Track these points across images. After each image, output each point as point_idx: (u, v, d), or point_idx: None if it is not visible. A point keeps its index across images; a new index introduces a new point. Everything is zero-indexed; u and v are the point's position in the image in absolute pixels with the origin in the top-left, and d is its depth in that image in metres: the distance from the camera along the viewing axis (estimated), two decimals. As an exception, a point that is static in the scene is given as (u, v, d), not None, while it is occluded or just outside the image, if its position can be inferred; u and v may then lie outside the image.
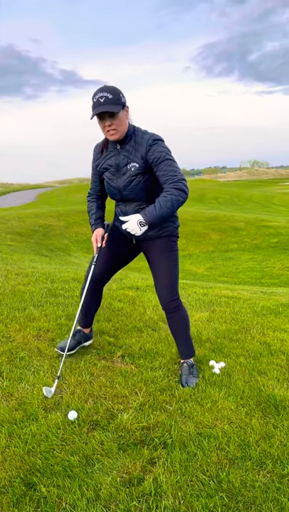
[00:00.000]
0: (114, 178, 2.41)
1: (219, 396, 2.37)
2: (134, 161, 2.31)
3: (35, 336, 3.00)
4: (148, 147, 2.27)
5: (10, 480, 1.69)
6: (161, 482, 1.72)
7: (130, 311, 3.77)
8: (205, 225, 17.19)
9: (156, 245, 2.52)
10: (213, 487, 1.71)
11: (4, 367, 2.54)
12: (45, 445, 1.89)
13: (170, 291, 2.53)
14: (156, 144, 2.28)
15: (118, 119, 2.22)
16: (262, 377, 2.63)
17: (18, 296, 3.88)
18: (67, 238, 14.29)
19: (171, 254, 2.52)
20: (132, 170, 2.33)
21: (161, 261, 2.52)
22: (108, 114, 2.19)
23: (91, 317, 2.88)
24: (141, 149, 2.29)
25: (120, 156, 2.36)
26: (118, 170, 2.38)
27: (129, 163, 2.33)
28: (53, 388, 2.31)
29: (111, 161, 2.40)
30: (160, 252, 2.51)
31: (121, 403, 2.26)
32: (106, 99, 2.15)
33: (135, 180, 2.34)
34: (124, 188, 2.38)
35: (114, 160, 2.38)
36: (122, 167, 2.36)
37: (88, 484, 1.69)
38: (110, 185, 2.45)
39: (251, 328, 3.56)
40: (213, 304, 4.37)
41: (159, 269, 2.54)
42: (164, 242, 2.51)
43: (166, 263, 2.51)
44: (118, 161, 2.37)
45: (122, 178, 2.37)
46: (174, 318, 2.60)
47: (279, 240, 14.81)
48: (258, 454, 1.92)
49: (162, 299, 2.55)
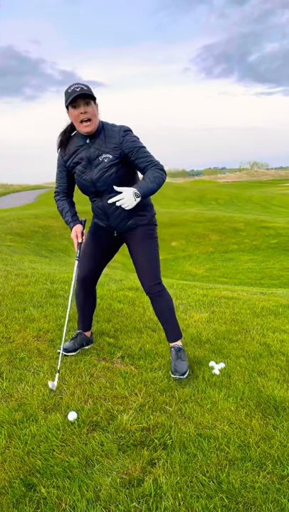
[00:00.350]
0: (87, 171, 2.45)
1: (219, 397, 2.37)
2: (106, 153, 2.39)
3: (35, 337, 3.00)
4: (121, 138, 2.38)
5: (10, 481, 1.69)
6: (161, 483, 1.72)
7: (130, 312, 3.77)
8: (205, 226, 17.20)
9: (136, 234, 2.60)
10: (213, 488, 1.71)
11: (4, 367, 2.54)
12: (45, 446, 1.89)
13: (152, 276, 2.61)
14: (127, 134, 2.40)
15: (92, 108, 2.31)
16: (262, 378, 2.63)
17: (17, 297, 3.88)
18: (66, 239, 14.29)
19: (150, 241, 2.61)
20: (104, 161, 2.39)
21: (141, 248, 2.60)
22: (84, 102, 2.28)
23: (89, 319, 2.90)
24: (113, 141, 2.38)
25: (91, 149, 2.41)
26: (90, 162, 2.43)
27: (101, 155, 2.40)
28: (55, 381, 2.36)
29: (81, 154, 2.44)
30: (140, 239, 2.60)
31: (121, 404, 2.26)
32: (82, 89, 2.27)
33: (108, 171, 2.40)
34: (97, 179, 2.43)
35: (85, 153, 2.43)
36: (94, 159, 2.41)
37: (88, 485, 1.69)
38: (82, 178, 2.48)
39: (251, 329, 3.55)
40: (213, 304, 4.36)
41: (140, 256, 2.61)
42: (143, 230, 2.59)
43: (146, 249, 2.60)
44: (89, 154, 2.42)
45: (94, 170, 2.42)
46: (158, 303, 2.67)
47: (279, 241, 14.82)
48: (258, 455, 1.92)
49: (145, 284, 2.63)
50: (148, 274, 2.60)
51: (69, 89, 2.29)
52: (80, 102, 2.28)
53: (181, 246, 15.01)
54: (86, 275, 2.73)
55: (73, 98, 2.25)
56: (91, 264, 2.72)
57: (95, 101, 2.35)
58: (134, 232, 2.59)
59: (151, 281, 2.60)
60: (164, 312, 2.69)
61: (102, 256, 2.75)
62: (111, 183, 2.42)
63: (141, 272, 2.61)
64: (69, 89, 2.29)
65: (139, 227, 2.58)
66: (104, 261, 2.78)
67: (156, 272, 2.62)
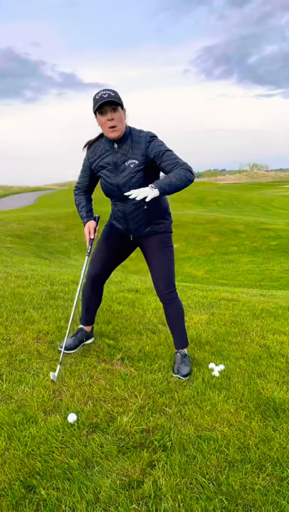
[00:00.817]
0: (113, 176, 2.47)
1: (219, 399, 2.37)
2: (132, 158, 2.41)
3: (35, 339, 3.00)
4: (147, 144, 2.39)
5: (9, 483, 1.69)
6: (160, 485, 1.72)
7: (130, 314, 3.77)
8: (204, 227, 17.19)
9: (152, 241, 2.64)
10: (212, 490, 1.71)
11: (4, 369, 2.54)
12: (45, 448, 1.89)
13: (167, 283, 2.67)
14: (153, 140, 2.41)
15: (119, 114, 2.33)
16: (261, 380, 2.64)
17: (17, 299, 3.88)
18: (66, 241, 14.29)
19: (167, 249, 2.66)
20: (131, 167, 2.41)
21: (157, 255, 2.65)
22: (111, 108, 2.30)
23: (93, 315, 2.97)
24: (140, 147, 2.40)
25: (118, 154, 2.43)
26: (116, 167, 2.45)
27: (127, 161, 2.42)
28: (56, 372, 2.42)
29: (108, 159, 2.47)
30: (156, 247, 2.64)
31: (120, 406, 2.26)
32: (109, 95, 2.28)
33: (135, 176, 2.42)
34: (123, 184, 2.45)
35: (112, 158, 2.45)
36: (120, 164, 2.43)
37: (88, 487, 1.69)
38: (108, 182, 2.50)
39: (251, 331, 3.56)
40: (213, 306, 4.37)
41: (156, 263, 2.66)
42: (160, 237, 2.63)
43: (163, 257, 2.65)
44: (116, 159, 2.44)
45: (121, 175, 2.44)
46: (170, 310, 2.75)
47: (278, 243, 14.81)
48: (258, 456, 1.92)
49: (159, 290, 2.69)
50: (163, 281, 2.67)
51: (97, 95, 2.30)
52: (108, 109, 2.30)
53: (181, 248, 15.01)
54: (97, 273, 2.77)
55: (100, 105, 2.27)
56: (103, 263, 2.76)
57: (122, 107, 2.36)
58: (151, 238, 2.64)
59: (166, 288, 2.68)
60: (174, 319, 2.78)
61: (115, 256, 2.79)
62: (136, 188, 2.43)
63: (156, 279, 2.68)
64: (97, 95, 2.30)
65: (157, 235, 2.62)
66: (116, 261, 2.82)
67: (172, 280, 2.68)
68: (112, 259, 2.78)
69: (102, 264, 2.75)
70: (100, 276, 2.80)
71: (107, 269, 2.81)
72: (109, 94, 2.28)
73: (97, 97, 2.30)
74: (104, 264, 2.76)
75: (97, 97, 2.29)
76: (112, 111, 2.31)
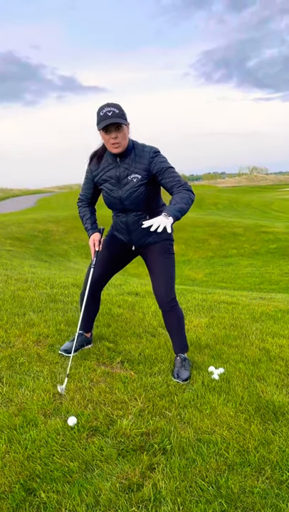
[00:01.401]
0: (115, 189, 2.50)
1: (218, 402, 2.38)
2: (135, 173, 2.44)
3: (35, 342, 3.01)
4: (150, 159, 2.42)
5: (10, 485, 1.70)
6: (160, 488, 1.72)
7: (130, 317, 3.78)
8: (204, 230, 17.22)
9: (154, 249, 2.66)
10: (212, 493, 1.72)
11: (4, 372, 2.55)
12: (45, 451, 1.90)
13: (168, 291, 2.68)
14: (156, 155, 2.45)
15: (123, 132, 2.34)
16: (261, 383, 2.64)
17: (17, 302, 3.89)
18: (66, 243, 14.30)
19: (168, 256, 2.67)
20: (133, 181, 2.44)
21: (159, 263, 2.66)
22: (115, 127, 2.31)
23: (91, 321, 2.99)
24: (143, 161, 2.43)
25: (120, 168, 2.46)
26: (119, 181, 2.48)
27: (130, 175, 2.44)
28: (64, 385, 2.39)
29: (111, 172, 2.49)
30: (158, 255, 2.66)
31: (120, 409, 2.27)
32: (114, 113, 2.28)
33: (138, 190, 2.45)
34: (126, 198, 2.48)
35: (115, 172, 2.48)
36: (123, 178, 2.46)
37: (88, 490, 1.69)
38: (111, 195, 2.53)
39: (250, 334, 3.57)
40: (212, 309, 4.38)
41: (158, 271, 2.67)
42: (162, 245, 2.66)
43: (164, 265, 2.66)
44: (119, 173, 2.47)
45: (123, 188, 2.47)
46: (170, 317, 2.75)
47: (278, 246, 14.84)
48: (257, 460, 1.93)
49: (160, 298, 2.69)
50: (164, 289, 2.68)
51: (101, 111, 2.30)
52: (111, 128, 2.31)
53: (181, 250, 15.00)
54: (95, 281, 2.77)
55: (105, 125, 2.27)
56: (102, 271, 2.76)
57: (126, 122, 2.37)
58: (153, 246, 2.66)
59: (166, 296, 2.68)
60: (174, 326, 2.78)
61: (114, 265, 2.81)
62: (138, 202, 2.49)
63: (157, 287, 2.69)
64: (101, 111, 2.30)
65: (158, 243, 2.65)
66: (115, 270, 2.84)
67: (172, 288, 2.69)
68: (110, 268, 2.80)
69: (101, 272, 2.75)
70: (98, 284, 2.80)
71: (105, 277, 2.82)
72: (113, 111, 2.28)
73: (101, 113, 2.29)
74: (103, 272, 2.76)
75: (102, 114, 2.29)
76: (116, 130, 2.32)
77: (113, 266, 2.81)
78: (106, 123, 2.27)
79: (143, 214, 2.54)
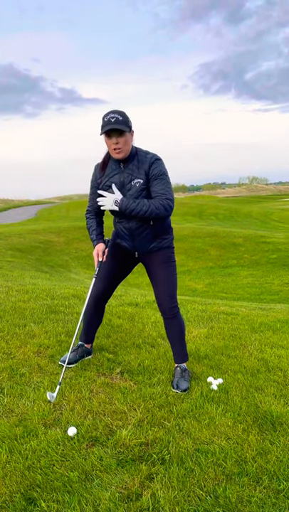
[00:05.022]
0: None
1: (217, 412, 2.40)
2: (138, 178, 2.50)
3: (36, 353, 3.04)
4: (150, 164, 2.49)
5: (10, 495, 1.72)
6: (159, 497, 1.75)
7: (129, 328, 3.81)
8: (204, 241, 17.27)
9: (156, 257, 2.70)
10: (210, 502, 1.74)
11: (5, 383, 2.57)
12: (45, 461, 1.92)
13: (170, 299, 2.72)
14: (157, 162, 2.53)
15: (125, 138, 2.42)
16: (259, 394, 2.67)
17: (18, 313, 3.92)
18: (67, 254, 14.35)
19: (170, 264, 2.72)
20: (136, 186, 2.50)
21: (161, 271, 2.70)
22: (117, 133, 2.40)
23: (93, 333, 3.01)
24: (144, 167, 2.50)
25: (124, 173, 2.53)
26: (123, 186, 2.53)
27: (133, 180, 2.51)
28: (55, 393, 2.39)
29: (114, 178, 2.55)
30: (161, 263, 2.70)
31: (120, 419, 2.29)
32: (117, 120, 2.37)
33: (141, 195, 2.51)
34: None
35: (118, 177, 2.54)
36: (127, 184, 2.52)
37: (87, 499, 1.72)
38: None
39: (249, 345, 3.59)
40: (212, 320, 4.41)
41: (160, 279, 2.71)
42: (164, 253, 2.70)
43: (167, 273, 2.70)
44: (122, 179, 2.53)
45: (127, 194, 2.52)
46: (172, 325, 2.79)
47: (278, 256, 14.87)
48: (255, 469, 1.95)
49: (163, 305, 2.74)
50: (167, 296, 2.72)
51: (105, 117, 2.40)
52: (113, 134, 2.40)
53: (181, 261, 15.04)
54: (99, 293, 2.81)
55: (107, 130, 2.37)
56: (105, 284, 2.80)
57: (130, 129, 2.45)
58: (155, 254, 2.70)
59: (168, 303, 2.73)
60: (175, 334, 2.82)
61: (117, 276, 2.85)
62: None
63: (160, 294, 2.73)
64: (105, 117, 2.40)
65: (161, 251, 2.69)
66: (118, 281, 2.88)
67: (174, 295, 2.74)
68: (113, 279, 2.83)
69: (105, 284, 2.79)
70: (102, 296, 2.84)
71: (111, 286, 2.85)
72: (116, 118, 2.37)
73: (105, 119, 2.39)
74: (106, 285, 2.80)
75: (106, 120, 2.39)
76: (118, 135, 2.40)
77: (117, 276, 2.85)
78: (107, 128, 2.36)
79: (146, 219, 2.56)
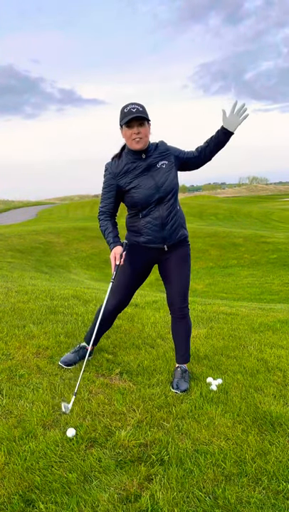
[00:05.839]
0: (149, 180, 2.53)
1: (216, 413, 2.40)
2: (163, 160, 2.56)
3: (35, 354, 3.03)
4: (167, 147, 2.64)
5: (9, 497, 1.72)
6: (157, 499, 1.74)
7: (129, 328, 3.80)
8: (204, 241, 17.27)
9: (178, 254, 2.69)
10: (209, 503, 1.73)
11: (4, 384, 2.57)
12: (44, 462, 1.92)
13: (183, 298, 2.73)
14: (168, 145, 2.66)
15: (145, 128, 2.46)
16: (258, 394, 2.66)
17: (17, 314, 3.92)
18: (67, 255, 14.35)
19: (188, 263, 2.74)
20: (163, 167, 2.56)
21: (179, 269, 2.70)
22: (138, 123, 2.42)
23: (99, 337, 3.02)
24: (164, 150, 2.61)
25: (148, 160, 2.55)
26: (149, 171, 2.54)
27: (158, 163, 2.55)
28: (70, 404, 2.36)
29: (140, 167, 2.54)
30: (181, 260, 2.70)
31: (119, 420, 2.29)
32: (138, 110, 2.41)
33: (170, 174, 2.56)
34: (162, 183, 2.53)
35: (144, 164, 2.54)
36: (153, 167, 2.55)
37: (86, 501, 1.71)
38: (144, 188, 2.51)
39: (249, 345, 3.59)
40: (212, 320, 4.40)
41: (176, 277, 2.70)
42: (184, 249, 2.71)
43: (184, 271, 2.72)
44: (147, 164, 2.54)
45: (157, 176, 2.54)
46: (180, 324, 2.79)
47: (278, 256, 14.86)
48: (254, 470, 1.95)
49: (174, 304, 2.74)
50: (181, 295, 2.72)
51: (125, 108, 2.44)
52: (135, 124, 2.42)
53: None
54: (119, 304, 2.78)
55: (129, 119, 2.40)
56: (126, 294, 2.78)
57: (148, 121, 2.49)
58: (175, 252, 2.68)
59: (181, 303, 2.73)
60: (181, 334, 2.82)
61: (137, 283, 2.80)
62: (173, 186, 2.57)
63: (174, 293, 2.72)
64: (125, 108, 2.44)
65: (181, 248, 2.69)
66: (137, 287, 2.83)
67: (187, 295, 2.75)
68: (135, 284, 2.79)
69: (123, 295, 2.76)
70: (124, 304, 2.82)
71: (128, 299, 2.83)
72: (137, 108, 2.42)
73: (125, 110, 2.42)
74: (125, 295, 2.78)
75: (126, 111, 2.42)
76: (138, 125, 2.43)
77: (137, 283, 2.79)
78: (130, 117, 2.39)
79: (174, 204, 2.59)
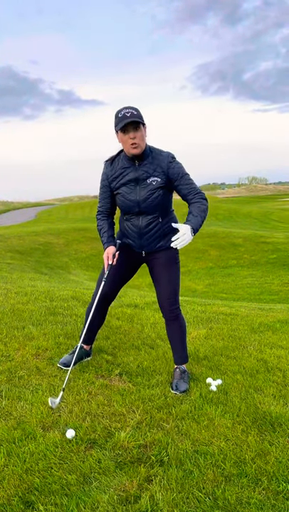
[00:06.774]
0: (133, 192, 2.53)
1: (216, 413, 2.40)
2: (154, 176, 2.50)
3: (34, 355, 3.03)
4: (168, 164, 2.50)
5: (8, 498, 1.71)
6: (157, 500, 1.74)
7: (128, 329, 3.80)
8: (204, 241, 17.27)
9: (162, 257, 2.69)
10: (209, 504, 1.73)
11: (3, 386, 2.57)
12: (43, 464, 1.91)
13: (173, 300, 2.72)
14: (174, 161, 2.53)
15: (141, 133, 2.41)
16: (258, 394, 2.66)
17: (17, 315, 3.91)
18: (66, 256, 14.35)
19: (175, 266, 2.73)
20: (153, 184, 2.50)
21: (166, 271, 2.70)
22: (133, 128, 2.37)
23: (94, 334, 2.99)
24: (161, 165, 2.49)
25: (139, 171, 2.51)
26: (137, 184, 2.52)
27: (149, 178, 2.50)
28: (58, 399, 2.36)
29: (130, 176, 2.53)
30: (166, 263, 2.69)
31: (118, 421, 2.28)
32: (132, 114, 2.36)
33: (156, 193, 2.51)
34: (143, 200, 2.52)
35: (133, 175, 2.52)
36: (142, 181, 2.51)
37: (86, 502, 1.71)
38: (127, 198, 2.55)
39: (248, 345, 3.59)
40: (211, 321, 4.40)
41: (164, 279, 2.71)
42: (169, 253, 2.69)
43: (171, 274, 2.71)
44: (137, 176, 2.51)
45: (142, 191, 2.51)
46: (173, 326, 2.78)
47: (277, 256, 14.86)
48: (254, 471, 1.94)
49: (164, 306, 2.73)
50: (170, 297, 2.72)
51: (119, 113, 2.38)
52: (130, 128, 2.38)
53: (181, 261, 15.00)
54: (105, 296, 2.78)
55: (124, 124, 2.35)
56: (112, 286, 2.77)
57: (144, 125, 2.43)
58: (160, 254, 2.68)
59: (171, 304, 2.72)
60: (176, 335, 2.81)
61: (124, 277, 2.82)
62: (155, 204, 2.53)
63: (163, 295, 2.72)
64: (119, 113, 2.38)
65: (167, 251, 2.67)
66: (124, 282, 2.85)
67: (177, 297, 2.74)
68: (121, 278, 2.80)
69: (112, 283, 2.75)
70: (109, 296, 2.81)
71: (116, 288, 2.82)
72: (132, 113, 2.36)
73: (119, 115, 2.37)
74: (112, 287, 2.77)
75: (120, 116, 2.37)
76: (134, 130, 2.38)
77: (124, 277, 2.82)
78: (125, 122, 2.34)
79: (157, 217, 2.57)
